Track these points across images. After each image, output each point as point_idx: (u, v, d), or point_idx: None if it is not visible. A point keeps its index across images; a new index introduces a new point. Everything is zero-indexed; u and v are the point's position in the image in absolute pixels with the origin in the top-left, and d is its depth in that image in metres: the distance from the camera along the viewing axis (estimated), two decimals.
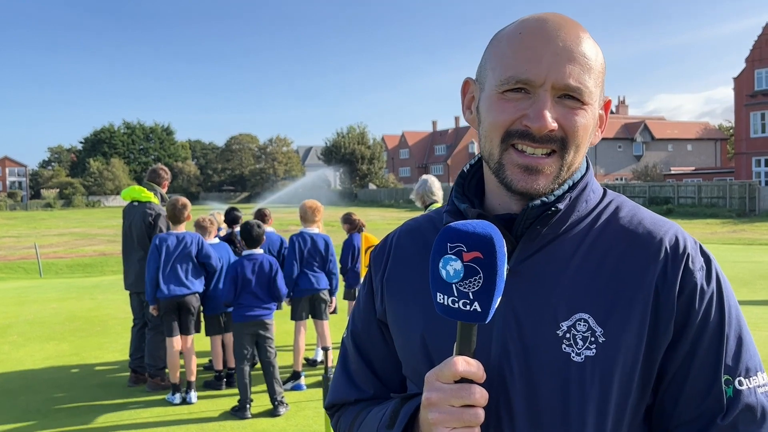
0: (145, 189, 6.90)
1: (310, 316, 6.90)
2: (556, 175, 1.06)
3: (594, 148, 58.85)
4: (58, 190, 77.47)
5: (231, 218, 7.59)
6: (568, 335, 1.01)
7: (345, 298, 8.11)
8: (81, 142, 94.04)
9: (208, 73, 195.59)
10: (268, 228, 7.31)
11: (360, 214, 8.68)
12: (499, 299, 0.95)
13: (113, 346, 8.37)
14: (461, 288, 0.93)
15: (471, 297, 0.93)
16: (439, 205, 7.30)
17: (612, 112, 70.78)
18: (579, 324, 1.01)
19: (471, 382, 0.94)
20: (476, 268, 0.93)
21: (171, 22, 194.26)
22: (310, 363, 7.51)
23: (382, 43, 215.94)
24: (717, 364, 1.04)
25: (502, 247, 0.93)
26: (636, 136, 59.68)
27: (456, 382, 0.95)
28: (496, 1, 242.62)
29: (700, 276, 1.05)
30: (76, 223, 39.81)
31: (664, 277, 1.03)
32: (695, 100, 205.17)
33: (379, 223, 31.26)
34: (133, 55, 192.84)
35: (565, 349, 1.01)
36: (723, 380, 1.04)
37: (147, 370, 6.58)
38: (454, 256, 0.94)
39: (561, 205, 1.06)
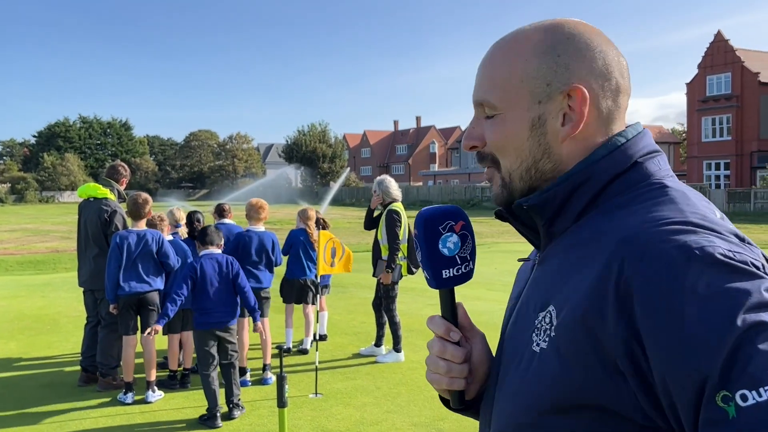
0: (101, 186, 6.77)
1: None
2: (501, 184, 1.14)
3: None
4: (9, 185, 75.14)
5: (193, 219, 7.50)
6: (539, 325, 1.03)
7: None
8: (34, 136, 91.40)
9: (167, 69, 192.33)
10: (228, 220, 7.35)
11: (320, 212, 8.65)
12: None
13: (63, 345, 8.18)
14: (462, 254, 1.13)
15: (468, 258, 1.14)
16: (398, 204, 7.35)
17: None
18: (547, 315, 1.01)
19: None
20: (466, 234, 1.13)
21: (130, 16, 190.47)
22: (301, 351, 7.62)
23: (345, 42, 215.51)
24: (700, 379, 0.81)
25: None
26: None
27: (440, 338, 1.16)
28: (456, 3, 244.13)
29: (659, 281, 0.85)
30: (29, 219, 38.75)
31: (606, 281, 0.91)
32: (650, 105, 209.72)
33: (340, 222, 31.18)
34: (90, 49, 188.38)
35: (533, 337, 1.03)
36: (718, 397, 0.80)
37: (99, 369, 6.45)
38: (449, 233, 1.12)
39: (524, 202, 1.09)
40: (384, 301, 7.26)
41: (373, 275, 7.44)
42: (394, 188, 7.39)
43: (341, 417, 5.60)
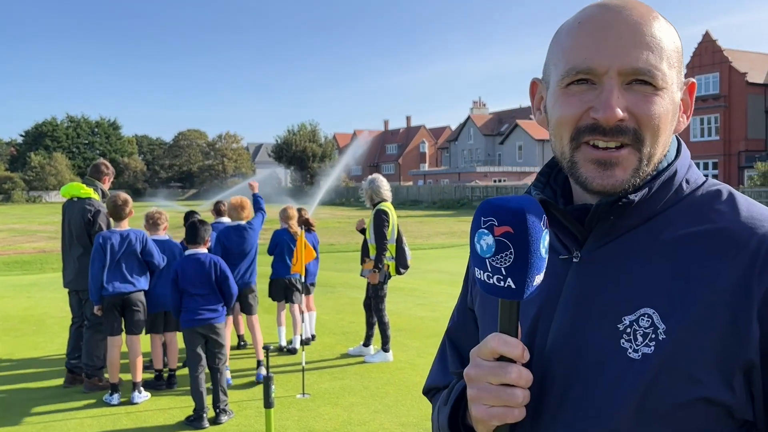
0: (85, 185, 6.70)
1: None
2: (636, 168, 0.99)
3: (541, 149, 60.12)
4: None
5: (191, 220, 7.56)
6: (629, 330, 0.95)
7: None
8: (21, 136, 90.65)
9: (156, 68, 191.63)
10: (226, 219, 7.51)
11: (309, 212, 8.65)
12: (539, 277, 0.94)
13: (49, 345, 8.10)
14: (494, 263, 0.93)
15: (504, 272, 0.92)
16: (387, 204, 7.33)
17: None
18: (642, 319, 0.95)
19: (513, 361, 0.94)
20: (507, 243, 0.92)
21: (118, 15, 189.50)
22: (290, 351, 7.60)
23: (336, 42, 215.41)
24: None
25: (536, 223, 0.92)
26: None
27: (498, 359, 0.95)
28: (447, 4, 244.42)
29: None
30: (16, 219, 38.45)
31: (749, 276, 0.91)
32: None
33: (329, 221, 31.16)
34: (78, 47, 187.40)
35: (623, 344, 0.95)
36: None
37: (84, 371, 6.39)
38: (486, 230, 0.93)
39: (635, 197, 0.99)
40: (373, 301, 7.25)
41: (361, 274, 7.43)
42: (385, 188, 7.37)
43: (329, 417, 5.58)
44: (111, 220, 6.48)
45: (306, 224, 7.75)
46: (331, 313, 9.89)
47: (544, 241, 0.93)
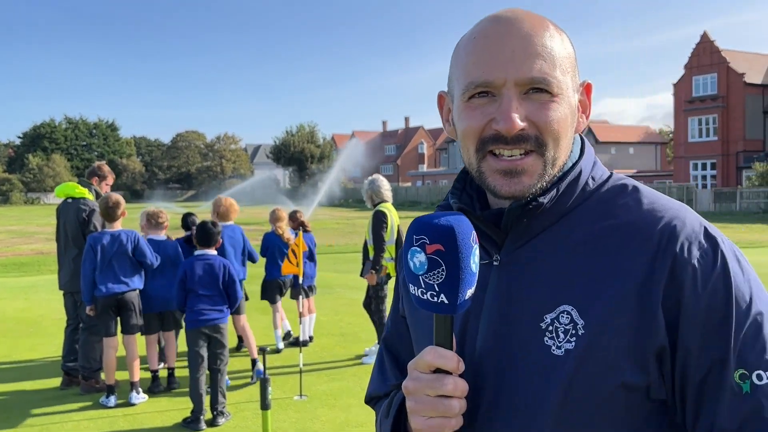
0: (79, 185, 6.69)
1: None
2: (541, 172, 1.03)
3: None
4: None
5: (188, 223, 7.52)
6: (551, 327, 0.99)
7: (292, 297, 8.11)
8: (19, 137, 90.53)
9: (154, 69, 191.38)
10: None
11: (307, 213, 8.65)
12: (470, 291, 0.96)
13: (46, 348, 8.08)
14: (427, 280, 0.95)
15: (436, 289, 0.94)
16: (387, 205, 7.32)
17: None
18: (562, 316, 0.99)
19: (450, 373, 0.97)
20: (438, 261, 0.93)
21: (115, 16, 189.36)
22: (276, 351, 7.63)
23: (334, 43, 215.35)
24: (724, 356, 0.94)
25: (466, 240, 0.94)
26: None
27: (434, 372, 0.97)
28: (446, 4, 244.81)
29: (696, 263, 0.96)
30: (14, 221, 38.43)
31: (652, 268, 0.97)
32: (638, 105, 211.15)
33: (328, 222, 31.14)
34: (76, 48, 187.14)
35: (546, 341, 0.99)
36: (737, 375, 0.94)
37: (80, 372, 6.37)
38: (418, 248, 0.95)
39: (543, 199, 1.03)
40: (374, 301, 7.23)
41: (361, 275, 7.42)
42: (385, 188, 7.35)
43: (326, 419, 5.56)
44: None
45: (302, 226, 7.75)
46: (329, 314, 9.86)
47: (474, 257, 0.95)
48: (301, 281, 7.12)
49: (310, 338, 8.14)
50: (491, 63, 1.00)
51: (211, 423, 5.43)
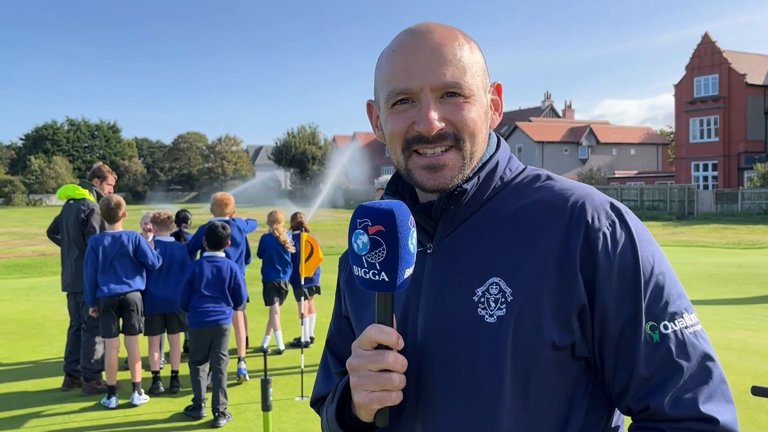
0: (80, 186, 6.71)
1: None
2: (461, 165, 1.15)
3: (541, 151, 60.09)
4: None
5: (181, 218, 7.62)
6: (482, 299, 1.09)
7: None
8: (21, 139, 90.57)
9: (156, 71, 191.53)
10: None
11: (309, 215, 8.65)
12: (408, 271, 1.05)
13: (48, 349, 8.10)
14: (369, 259, 1.04)
15: (378, 267, 1.03)
16: None
17: (558, 116, 72.19)
18: (492, 288, 1.09)
19: (390, 349, 1.05)
20: (379, 240, 1.03)
21: (117, 18, 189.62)
22: (277, 352, 7.66)
23: (335, 43, 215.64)
24: (637, 311, 1.07)
25: (405, 221, 1.03)
26: (582, 140, 60.98)
27: (376, 349, 1.06)
28: (445, 5, 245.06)
29: (606, 230, 1.09)
30: (16, 223, 38.46)
31: (568, 235, 1.09)
32: (639, 106, 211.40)
33: (329, 224, 31.14)
34: (78, 51, 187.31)
35: (480, 312, 1.09)
36: (648, 327, 1.06)
37: (82, 374, 6.38)
38: (361, 231, 1.04)
39: (467, 186, 1.15)
40: None
41: None
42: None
43: None
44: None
45: (301, 227, 7.77)
46: (330, 315, 9.84)
47: (412, 238, 1.05)
48: (302, 282, 7.11)
49: (312, 339, 8.15)
50: (409, 72, 1.12)
51: (213, 424, 5.45)
